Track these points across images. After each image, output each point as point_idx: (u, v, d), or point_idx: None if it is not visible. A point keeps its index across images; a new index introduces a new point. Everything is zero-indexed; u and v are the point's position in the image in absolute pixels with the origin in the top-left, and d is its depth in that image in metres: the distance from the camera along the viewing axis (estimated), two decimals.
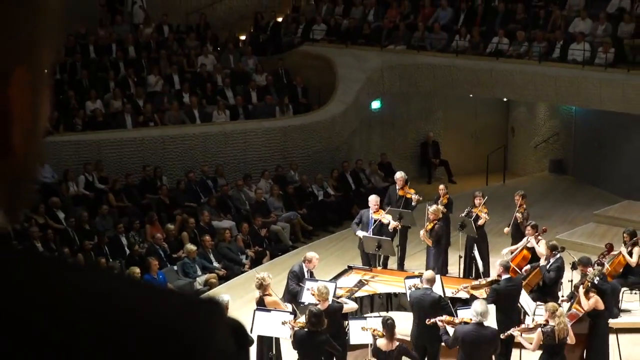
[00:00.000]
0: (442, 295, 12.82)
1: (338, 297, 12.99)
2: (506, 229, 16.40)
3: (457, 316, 12.20)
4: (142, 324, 0.85)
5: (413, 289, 12.98)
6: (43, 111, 0.97)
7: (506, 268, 13.30)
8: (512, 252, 15.29)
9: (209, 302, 0.91)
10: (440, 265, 16.00)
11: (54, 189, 18.67)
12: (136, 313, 0.86)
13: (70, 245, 17.14)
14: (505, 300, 12.68)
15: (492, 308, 11.78)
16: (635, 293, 15.18)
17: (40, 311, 0.83)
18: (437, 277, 14.39)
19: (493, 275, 14.39)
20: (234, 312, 11.77)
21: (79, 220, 17.90)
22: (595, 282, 12.67)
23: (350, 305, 13.16)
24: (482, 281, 14.32)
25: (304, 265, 14.26)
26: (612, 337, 13.07)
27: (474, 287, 14.13)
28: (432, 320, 11.69)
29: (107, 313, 0.85)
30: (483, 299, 12.45)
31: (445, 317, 11.86)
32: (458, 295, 13.94)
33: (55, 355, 0.82)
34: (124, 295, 0.88)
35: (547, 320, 11.35)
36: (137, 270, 15.92)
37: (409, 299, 12.59)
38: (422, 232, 16.07)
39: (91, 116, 20.80)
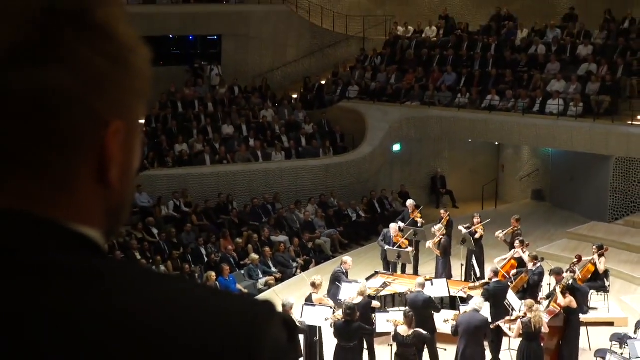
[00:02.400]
0: (431, 296, 12.75)
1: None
2: (501, 235, 16.39)
3: (459, 311, 12.22)
4: (213, 319, 0.85)
5: (409, 292, 13.05)
6: (135, 153, 0.97)
7: (495, 273, 13.37)
8: (503, 260, 15.21)
9: (265, 302, 0.90)
10: (446, 272, 16.06)
11: (150, 211, 18.82)
12: (209, 311, 0.86)
13: (162, 255, 17.21)
14: (494, 298, 12.67)
15: (486, 304, 11.72)
16: (601, 294, 14.99)
17: (128, 310, 0.83)
18: (443, 281, 14.49)
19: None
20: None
21: (168, 235, 18.00)
22: (570, 285, 12.63)
23: (375, 303, 13.26)
24: (477, 283, 14.51)
25: (342, 267, 14.43)
26: (582, 330, 12.95)
27: (471, 288, 14.26)
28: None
29: (186, 311, 0.85)
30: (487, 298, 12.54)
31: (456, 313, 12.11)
32: (460, 295, 13.96)
33: (144, 345, 0.81)
34: (199, 297, 0.87)
35: (525, 314, 11.35)
36: (213, 274, 15.94)
37: (407, 300, 12.42)
38: (428, 244, 16.18)
39: (179, 156, 20.95)
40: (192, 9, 25.20)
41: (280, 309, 0.93)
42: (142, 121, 1.01)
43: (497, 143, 24.22)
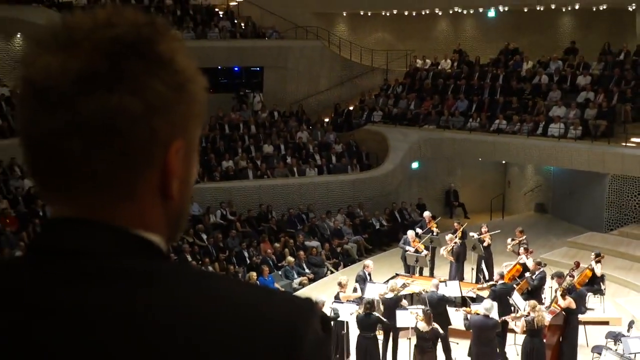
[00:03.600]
0: (445, 295, 12.82)
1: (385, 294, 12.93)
2: (509, 247, 16.34)
3: (471, 308, 12.17)
4: (262, 314, 0.86)
5: (424, 292, 13.08)
6: (193, 169, 0.97)
7: (501, 276, 13.53)
8: (509, 265, 15.15)
9: (307, 300, 0.92)
10: (459, 274, 16.06)
11: (200, 219, 18.95)
12: (258, 307, 0.87)
13: (210, 257, 17.31)
14: (500, 297, 12.64)
15: (495, 306, 11.67)
16: (597, 297, 14.80)
17: (187, 305, 0.85)
18: (456, 282, 14.51)
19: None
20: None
21: (216, 240, 18.09)
22: (569, 288, 12.56)
23: (404, 301, 13.36)
24: (485, 285, 14.55)
25: (365, 270, 14.45)
26: (581, 328, 12.82)
27: (480, 289, 14.42)
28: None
29: (238, 306, 0.87)
30: (487, 297, 12.61)
31: (467, 308, 12.14)
32: (470, 295, 14.12)
33: (202, 334, 0.83)
34: (249, 295, 0.89)
35: (529, 313, 11.32)
36: (254, 274, 15.99)
37: (425, 299, 12.40)
38: (442, 251, 16.23)
39: (225, 171, 21.08)
40: (238, 44, 25.40)
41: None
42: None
43: (504, 162, 24.02)
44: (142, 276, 0.86)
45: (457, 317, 12.51)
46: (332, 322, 11.15)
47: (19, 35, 23.25)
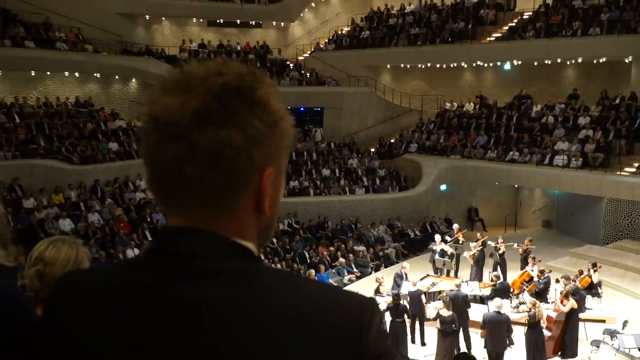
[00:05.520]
0: (467, 294, 12.80)
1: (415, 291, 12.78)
2: (515, 246, 16.32)
3: (487, 304, 11.95)
4: (338, 310, 0.86)
5: (448, 290, 12.92)
6: (281, 189, 0.98)
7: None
8: (520, 271, 14.92)
9: (371, 299, 0.91)
10: (478, 276, 15.84)
11: None
12: (334, 304, 0.87)
13: (278, 257, 17.38)
14: (501, 293, 12.75)
15: (505, 303, 11.57)
16: (595, 299, 14.30)
17: (279, 301, 0.86)
18: (475, 283, 14.44)
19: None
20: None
21: (283, 243, 18.16)
22: (572, 291, 12.29)
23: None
24: (487, 283, 14.73)
25: (402, 270, 14.39)
26: (581, 324, 12.41)
27: (485, 286, 14.52)
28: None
29: (318, 303, 0.87)
30: (489, 294, 13.04)
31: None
32: (485, 293, 14.00)
33: (288, 326, 0.84)
34: (326, 293, 0.89)
35: (530, 309, 11.16)
36: (313, 271, 15.97)
37: (447, 297, 12.13)
38: (466, 255, 16.07)
39: (292, 189, 21.18)
40: (304, 90, 25.62)
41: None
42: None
43: (516, 186, 23.45)
44: (243, 274, 0.87)
45: (475, 312, 12.30)
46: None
47: (134, 80, 23.98)
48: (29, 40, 21.09)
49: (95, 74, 22.90)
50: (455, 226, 18.01)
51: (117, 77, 23.60)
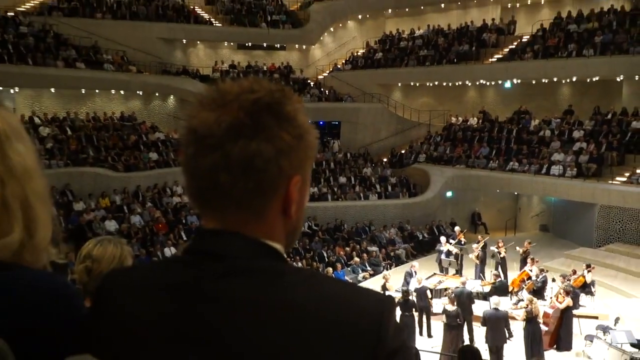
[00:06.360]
0: (472, 290, 12.65)
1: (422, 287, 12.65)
2: (517, 248, 16.07)
3: (489, 301, 11.77)
4: (359, 308, 0.85)
5: (454, 287, 12.79)
6: (306, 196, 0.97)
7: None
8: (519, 271, 14.67)
9: (389, 297, 0.90)
10: (480, 275, 15.57)
11: None
12: (355, 302, 0.86)
13: (299, 256, 17.33)
14: (500, 292, 12.79)
15: (502, 300, 11.43)
16: (589, 297, 14.03)
17: (302, 299, 0.85)
18: (478, 281, 14.25)
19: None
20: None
21: (304, 244, 18.12)
22: (568, 289, 12.07)
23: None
24: (487, 281, 14.60)
25: (412, 269, 14.31)
26: (575, 320, 12.22)
27: (485, 284, 14.38)
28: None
29: (340, 301, 0.85)
30: (489, 292, 13.03)
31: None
32: (486, 290, 13.93)
33: (311, 322, 0.83)
34: (347, 292, 0.87)
35: (527, 305, 11.01)
36: (331, 269, 15.91)
37: (453, 294, 12.02)
38: (471, 255, 15.88)
39: (311, 195, 21.09)
40: (323, 105, 25.61)
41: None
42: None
43: (516, 193, 23.19)
44: (273, 273, 0.87)
45: (478, 307, 12.14)
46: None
47: (172, 97, 24.23)
48: (80, 62, 21.44)
49: (138, 92, 23.21)
50: (457, 228, 17.80)
51: (157, 94, 23.89)
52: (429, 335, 12.39)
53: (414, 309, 11.76)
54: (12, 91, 20.42)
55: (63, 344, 0.94)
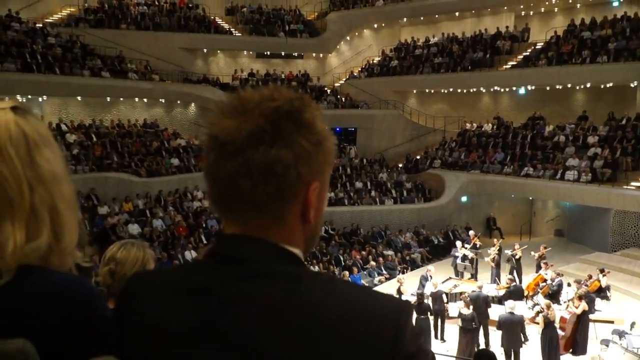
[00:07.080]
0: (488, 295, 12.48)
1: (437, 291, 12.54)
2: (533, 253, 15.85)
3: (504, 305, 11.62)
4: (376, 312, 0.85)
5: (470, 292, 12.61)
6: (324, 201, 0.96)
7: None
8: (534, 274, 14.48)
9: (405, 302, 0.89)
10: (496, 279, 15.39)
11: None
12: (373, 306, 0.86)
13: (316, 259, 17.29)
14: (514, 295, 12.66)
15: (518, 304, 11.27)
16: (604, 302, 13.77)
17: (320, 302, 0.84)
18: (493, 285, 14.06)
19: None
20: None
21: (321, 248, 18.06)
22: (583, 294, 11.90)
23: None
24: (502, 285, 14.34)
25: (427, 273, 14.23)
26: (591, 325, 11.99)
27: (500, 288, 14.13)
28: None
29: (357, 305, 0.85)
30: (503, 295, 12.81)
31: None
32: (501, 293, 13.70)
33: (328, 325, 0.83)
34: (365, 296, 0.87)
35: (543, 309, 10.87)
36: (347, 273, 15.84)
37: (469, 297, 11.86)
38: (487, 259, 15.69)
39: (328, 200, 21.11)
40: (340, 112, 25.63)
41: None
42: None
43: (531, 198, 22.87)
44: (292, 276, 0.87)
45: (493, 311, 11.98)
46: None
47: (193, 105, 24.44)
48: (105, 71, 21.77)
49: (160, 100, 23.47)
50: (472, 233, 17.71)
51: (178, 102, 24.13)
52: (442, 339, 12.27)
53: (428, 312, 11.65)
54: (40, 99, 20.81)
55: (87, 345, 0.94)
